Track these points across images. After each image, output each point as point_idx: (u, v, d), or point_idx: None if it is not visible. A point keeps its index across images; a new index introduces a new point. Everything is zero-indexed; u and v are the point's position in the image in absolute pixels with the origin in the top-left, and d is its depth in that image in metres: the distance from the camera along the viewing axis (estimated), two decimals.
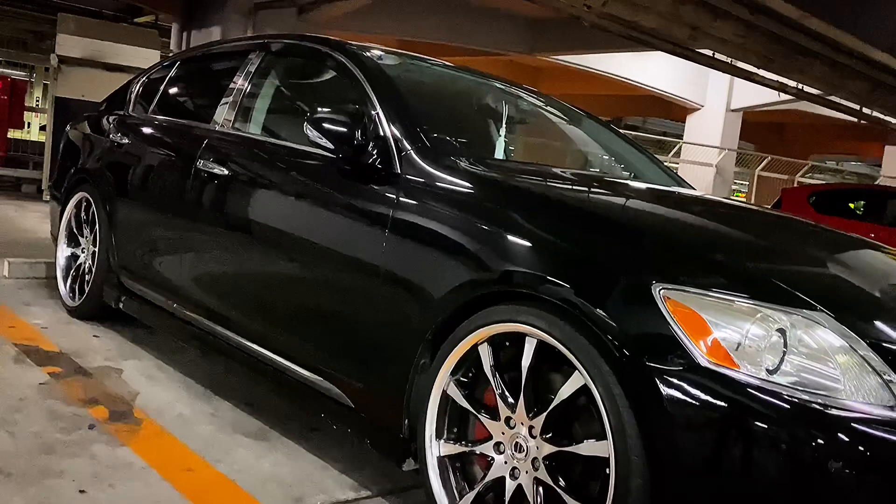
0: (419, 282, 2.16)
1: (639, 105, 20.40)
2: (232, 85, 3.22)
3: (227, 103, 3.18)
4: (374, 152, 2.40)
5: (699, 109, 17.21)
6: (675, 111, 18.16)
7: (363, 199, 2.39)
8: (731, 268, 1.83)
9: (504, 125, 3.06)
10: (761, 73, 11.23)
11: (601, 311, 1.74)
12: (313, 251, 2.51)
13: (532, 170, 2.75)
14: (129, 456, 2.38)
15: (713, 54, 10.64)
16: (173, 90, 3.84)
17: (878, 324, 1.74)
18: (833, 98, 12.99)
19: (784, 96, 13.25)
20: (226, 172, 2.92)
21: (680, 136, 17.49)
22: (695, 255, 1.89)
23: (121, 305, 3.54)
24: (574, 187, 2.49)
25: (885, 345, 1.66)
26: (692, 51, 10.27)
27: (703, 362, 1.62)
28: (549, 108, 3.41)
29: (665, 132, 22.22)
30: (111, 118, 4.01)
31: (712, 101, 17.01)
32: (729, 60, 10.76)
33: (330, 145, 2.41)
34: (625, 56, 14.97)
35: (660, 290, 1.70)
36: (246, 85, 3.17)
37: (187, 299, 3.07)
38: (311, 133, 2.41)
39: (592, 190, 2.57)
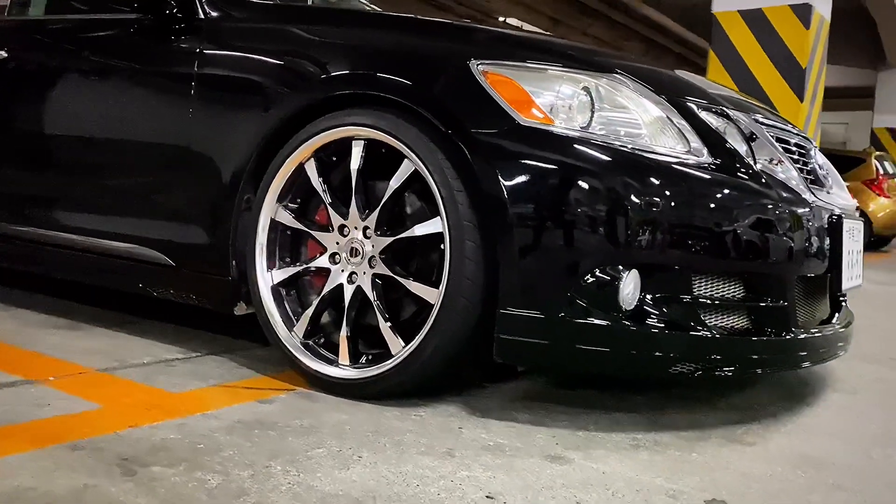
0: (234, 117, 2.10)
1: None
2: None
3: None
4: (174, 3, 2.29)
5: None
6: None
7: (166, 55, 2.29)
8: (541, 46, 1.95)
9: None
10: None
11: (425, 94, 1.79)
12: (119, 120, 2.35)
13: None
14: None
15: (504, 19, 11.17)
16: None
17: (676, 88, 1.92)
18: None
19: None
20: (5, 55, 2.66)
21: None
22: (507, 40, 1.98)
23: None
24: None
25: (679, 100, 1.83)
26: (489, 16, 10.71)
27: (522, 122, 1.71)
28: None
29: None
30: None
31: None
32: (520, 24, 11.34)
33: None
34: None
35: (477, 65, 1.78)
36: None
37: None
38: None
39: (367, 14, 2.57)
